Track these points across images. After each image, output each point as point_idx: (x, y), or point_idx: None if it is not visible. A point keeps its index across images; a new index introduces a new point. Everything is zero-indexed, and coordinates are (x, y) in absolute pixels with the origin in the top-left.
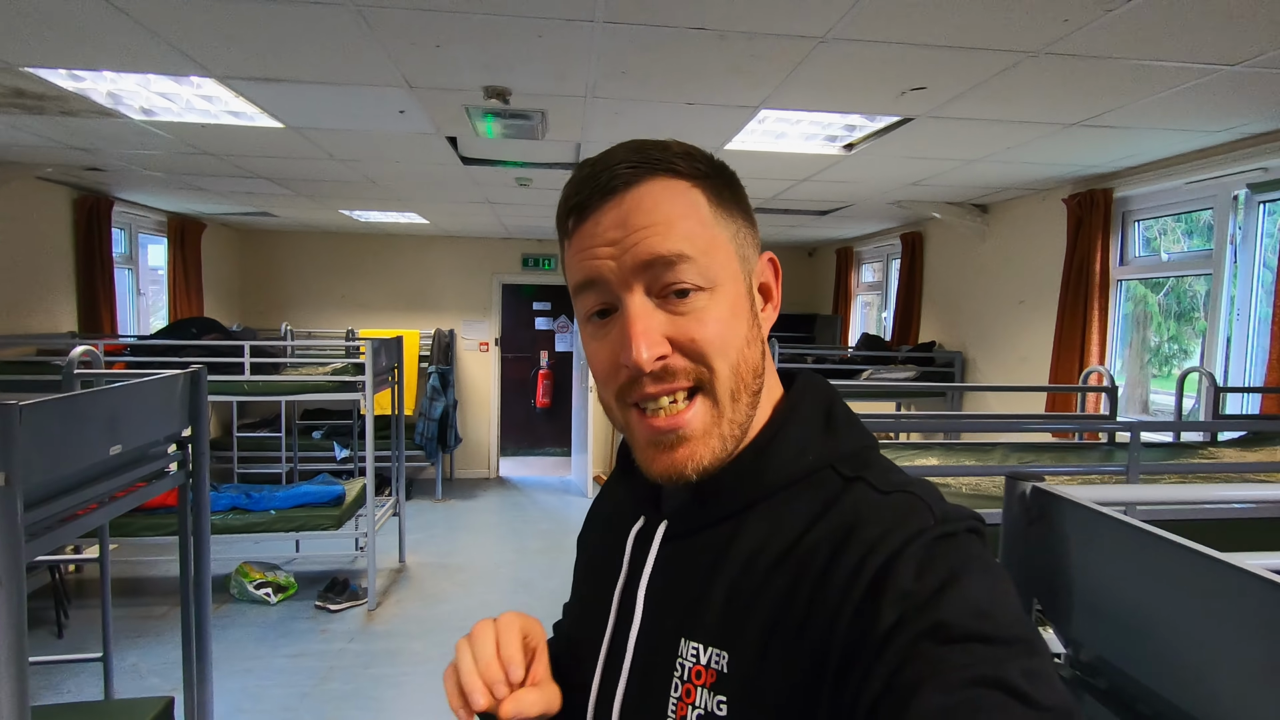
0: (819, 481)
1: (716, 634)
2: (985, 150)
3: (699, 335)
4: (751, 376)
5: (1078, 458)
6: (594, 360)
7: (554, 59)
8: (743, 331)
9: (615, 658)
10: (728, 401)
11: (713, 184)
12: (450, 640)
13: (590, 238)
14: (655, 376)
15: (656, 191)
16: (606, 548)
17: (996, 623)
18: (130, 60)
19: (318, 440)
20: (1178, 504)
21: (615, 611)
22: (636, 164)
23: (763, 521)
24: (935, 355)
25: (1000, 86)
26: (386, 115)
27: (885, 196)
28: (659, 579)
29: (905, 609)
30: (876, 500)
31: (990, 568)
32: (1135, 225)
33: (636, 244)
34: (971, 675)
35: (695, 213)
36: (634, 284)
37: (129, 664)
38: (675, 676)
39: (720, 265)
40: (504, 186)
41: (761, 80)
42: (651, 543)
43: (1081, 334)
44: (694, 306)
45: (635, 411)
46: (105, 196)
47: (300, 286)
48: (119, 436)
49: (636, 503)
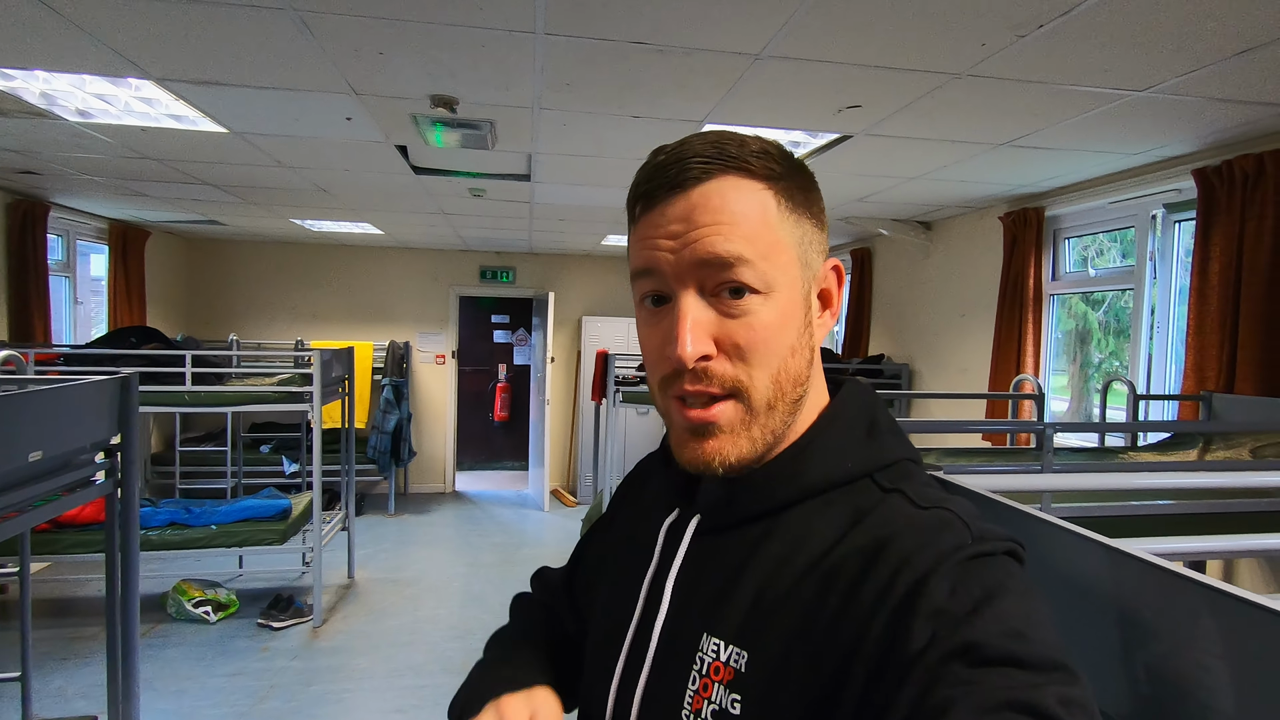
0: (857, 490)
1: (739, 633)
2: (922, 168)
3: (744, 341)
4: (791, 386)
5: (1005, 460)
6: (644, 345)
7: (498, 69)
8: (790, 340)
9: (640, 646)
10: (763, 409)
11: (785, 186)
12: (397, 656)
13: (654, 228)
14: (695, 375)
15: (725, 190)
16: (639, 535)
17: (1032, 646)
18: (63, 60)
19: (266, 454)
20: (1087, 495)
21: (643, 601)
22: (709, 159)
23: (796, 525)
24: (884, 367)
25: (929, 106)
26: (333, 122)
27: (834, 213)
28: (688, 572)
29: (937, 628)
30: (913, 515)
31: (1028, 590)
32: (1065, 242)
33: (697, 241)
34: (1005, 699)
35: (761, 215)
36: (689, 280)
37: (54, 687)
38: (694, 670)
39: (779, 270)
40: (458, 197)
41: (703, 95)
42: (683, 536)
43: (1017, 345)
44: (746, 309)
45: (676, 402)
46: (41, 201)
47: (249, 297)
48: (39, 442)
49: (673, 494)
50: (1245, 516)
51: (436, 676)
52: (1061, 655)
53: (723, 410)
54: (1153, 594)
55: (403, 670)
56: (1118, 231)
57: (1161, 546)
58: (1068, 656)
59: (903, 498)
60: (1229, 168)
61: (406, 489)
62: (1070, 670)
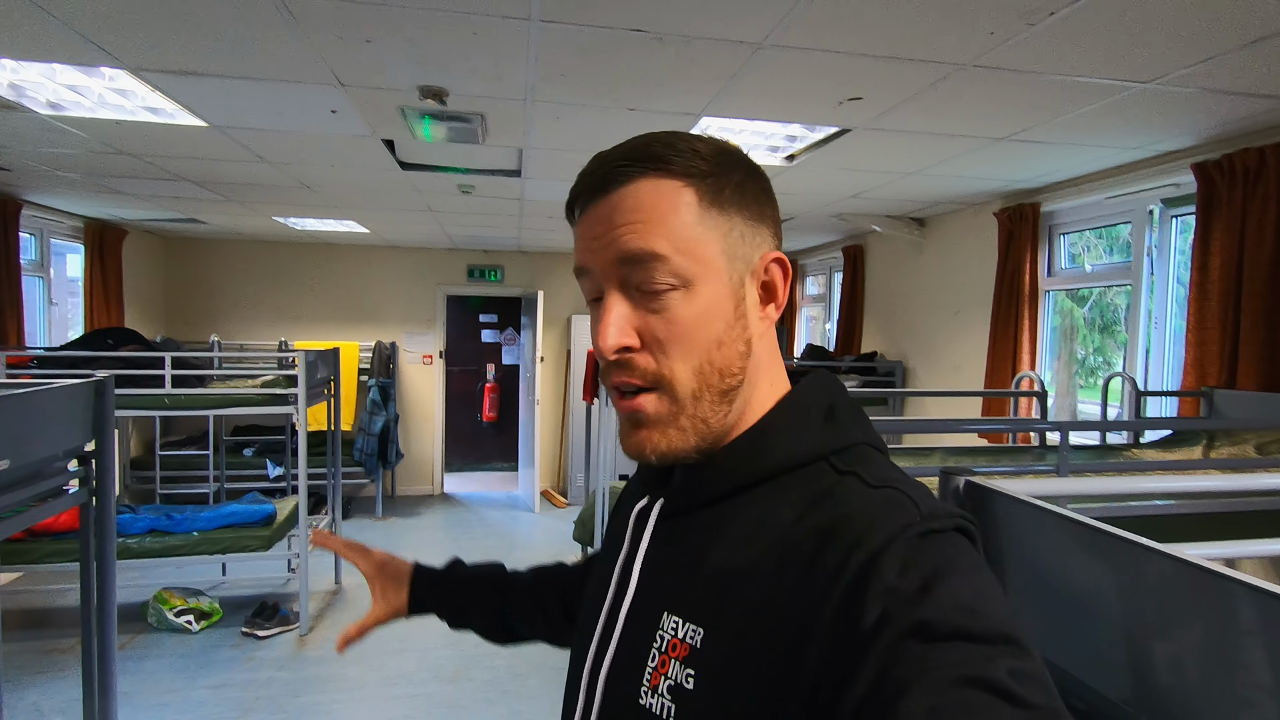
0: (814, 473)
1: (696, 611)
2: (920, 163)
3: (664, 334)
4: (719, 377)
5: (1011, 459)
6: (592, 341)
7: (490, 58)
8: (714, 333)
9: (610, 626)
10: (688, 400)
11: (712, 182)
12: (387, 664)
13: (585, 230)
14: (619, 367)
15: (641, 191)
16: (616, 525)
17: (982, 620)
18: (31, 48)
19: (249, 458)
20: (1105, 498)
21: (614, 584)
22: (630, 163)
23: (755, 507)
24: (877, 365)
25: (932, 99)
26: (317, 115)
27: (827, 209)
28: (654, 554)
29: (889, 605)
30: (866, 494)
31: (976, 566)
32: (1061, 238)
33: (614, 240)
34: (958, 675)
35: (677, 213)
36: (613, 277)
37: (28, 703)
38: (654, 647)
39: (700, 264)
40: (446, 194)
41: (701, 87)
42: (649, 519)
43: (1013, 342)
44: (665, 304)
45: (614, 392)
46: (13, 199)
47: (231, 297)
48: (6, 451)
49: (644, 483)
50: (1261, 515)
51: (429, 685)
52: (1011, 628)
53: (646, 401)
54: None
55: (394, 679)
56: (1112, 227)
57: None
58: (1017, 629)
59: (857, 479)
60: (1229, 162)
61: (394, 491)
62: (1019, 643)
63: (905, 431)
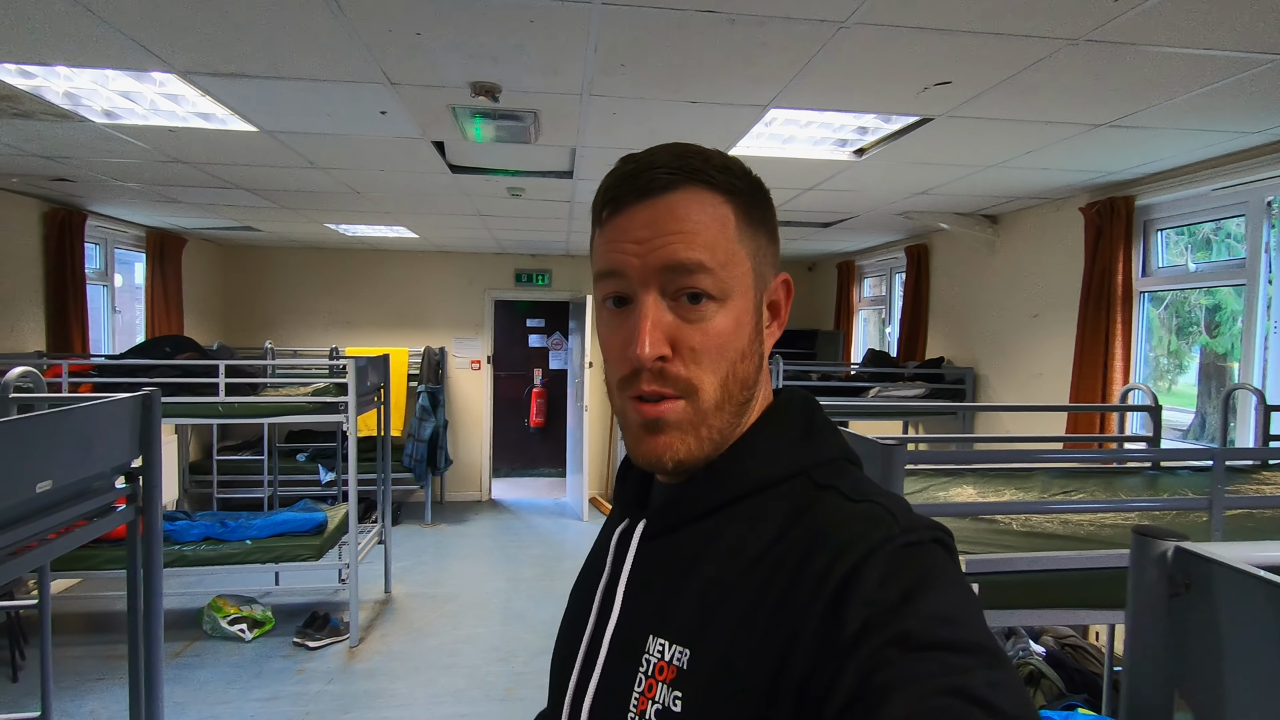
0: (794, 488)
1: (682, 632)
2: (1003, 155)
3: (699, 345)
4: (739, 389)
5: (1127, 487)
6: (606, 345)
7: (547, 49)
8: (741, 346)
9: (593, 653)
10: (711, 409)
11: (744, 201)
12: (437, 680)
13: (621, 232)
14: (652, 376)
15: (689, 200)
16: (596, 552)
17: (960, 631)
18: (83, 54)
19: (302, 463)
20: None
21: (596, 610)
22: (676, 170)
23: (737, 524)
24: (945, 371)
25: (1031, 81)
26: (367, 117)
27: (892, 207)
28: (637, 576)
29: (870, 616)
30: (845, 508)
31: (954, 578)
32: (1158, 234)
33: (661, 247)
34: (938, 685)
35: (722, 227)
36: (652, 283)
37: (86, 710)
38: (640, 671)
39: (735, 280)
40: (495, 198)
41: (772, 74)
42: (631, 541)
43: (1104, 349)
44: (702, 315)
45: (632, 401)
46: (78, 210)
47: (285, 304)
48: (48, 471)
49: (622, 507)
50: None
51: (479, 704)
52: (987, 639)
53: (673, 408)
54: None
55: (443, 696)
56: (1219, 221)
57: None
58: (992, 639)
59: (836, 493)
60: None
61: (443, 497)
62: (995, 653)
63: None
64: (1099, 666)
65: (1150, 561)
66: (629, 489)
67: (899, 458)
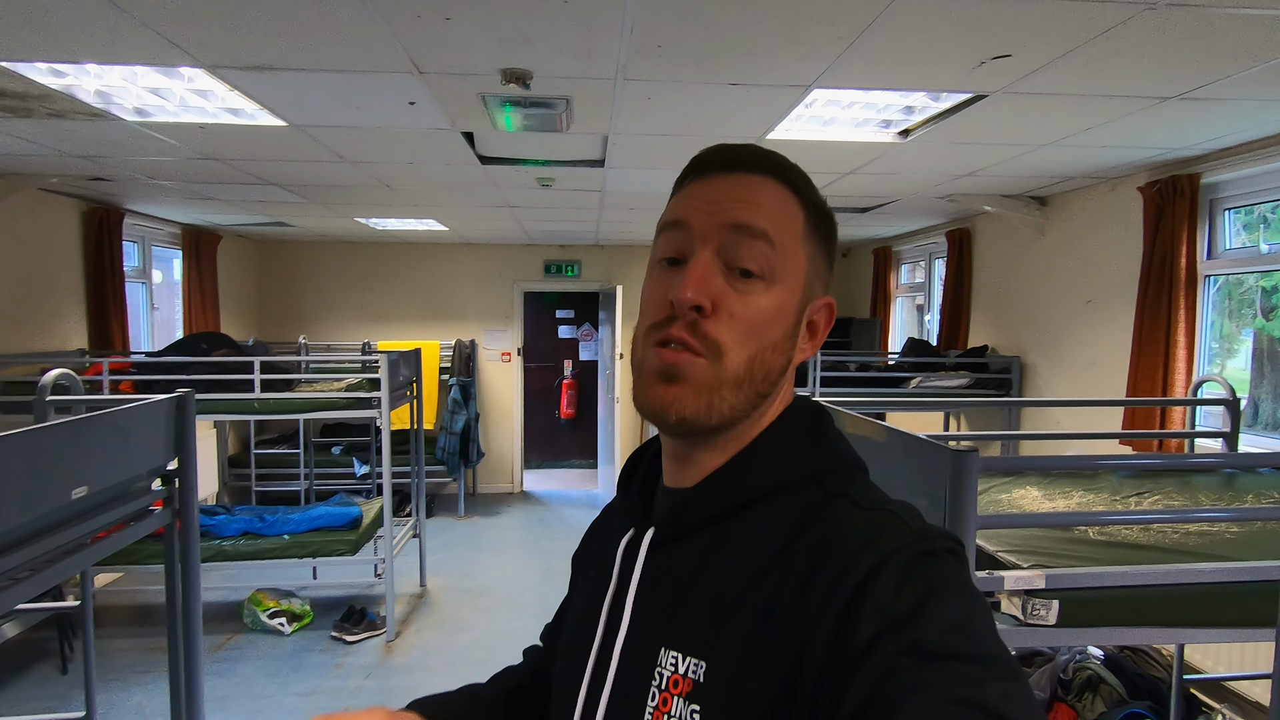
0: (803, 494)
1: (695, 644)
2: (1061, 132)
3: (739, 313)
4: (762, 377)
5: (1204, 489)
6: (646, 299)
7: (581, 30)
8: (776, 336)
9: (602, 667)
10: (730, 381)
11: (814, 213)
12: (471, 675)
13: (697, 192)
14: (685, 325)
15: (769, 185)
16: (599, 561)
17: (973, 641)
18: (112, 50)
19: (337, 456)
20: None
21: (604, 621)
22: (765, 161)
23: (746, 530)
24: (989, 360)
25: (1099, 51)
26: (396, 108)
27: (935, 190)
28: (646, 587)
29: (883, 624)
30: (857, 516)
31: (967, 588)
32: (1225, 214)
33: (733, 208)
34: (951, 694)
35: (790, 219)
36: (711, 240)
37: (133, 703)
38: (653, 685)
39: (788, 270)
40: (525, 188)
41: (819, 50)
42: (639, 551)
43: (1165, 335)
44: (749, 289)
45: (655, 347)
46: (115, 208)
47: (318, 298)
48: (83, 476)
49: (627, 516)
50: None
51: None
52: (999, 649)
53: (693, 361)
54: None
55: None
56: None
57: None
58: (1005, 650)
59: (847, 500)
60: None
61: (475, 489)
62: (1009, 664)
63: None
64: (1163, 672)
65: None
66: (631, 500)
67: (970, 465)
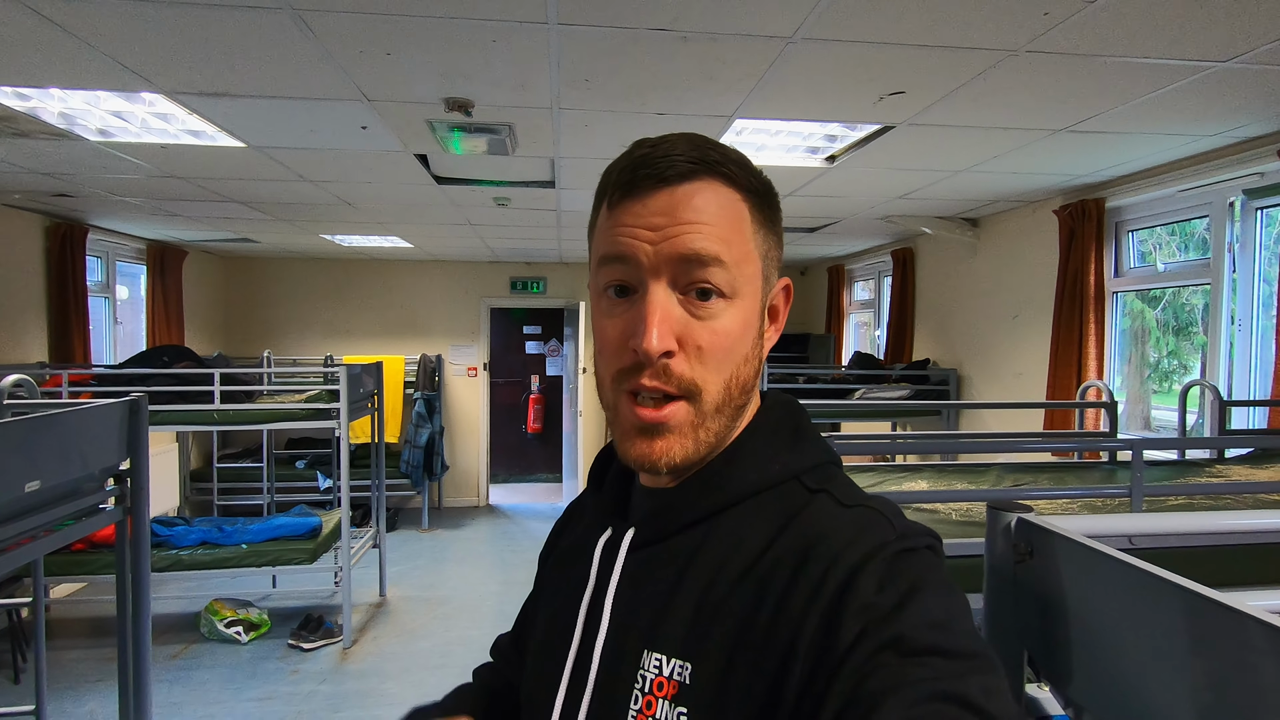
0: (784, 493)
1: (680, 646)
2: (970, 160)
3: (706, 343)
4: (739, 392)
5: (1077, 479)
6: (602, 336)
7: (513, 66)
8: (745, 348)
9: (581, 672)
10: (711, 412)
11: (758, 200)
12: (427, 679)
13: (633, 217)
14: (655, 371)
15: (708, 192)
16: (573, 561)
17: (955, 637)
18: (75, 76)
19: (301, 470)
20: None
21: (582, 624)
22: (695, 160)
23: (729, 531)
24: (930, 373)
25: (981, 89)
26: (348, 132)
27: (873, 211)
28: (626, 589)
29: (867, 621)
30: (839, 513)
31: (948, 584)
32: (1129, 236)
33: (677, 236)
34: (932, 690)
35: (737, 223)
36: (663, 273)
37: (85, 710)
38: (636, 688)
39: (746, 279)
40: (483, 207)
41: (732, 86)
42: (618, 552)
43: (1078, 348)
44: (712, 312)
45: (627, 396)
46: (79, 224)
47: (284, 313)
48: (37, 472)
49: (603, 515)
50: None
51: None
52: (979, 644)
53: (674, 411)
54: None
55: (433, 696)
56: (1187, 222)
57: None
58: (985, 645)
59: (829, 497)
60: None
61: (440, 503)
62: (989, 658)
63: (959, 451)
64: None
65: (999, 531)
66: (606, 497)
67: None
